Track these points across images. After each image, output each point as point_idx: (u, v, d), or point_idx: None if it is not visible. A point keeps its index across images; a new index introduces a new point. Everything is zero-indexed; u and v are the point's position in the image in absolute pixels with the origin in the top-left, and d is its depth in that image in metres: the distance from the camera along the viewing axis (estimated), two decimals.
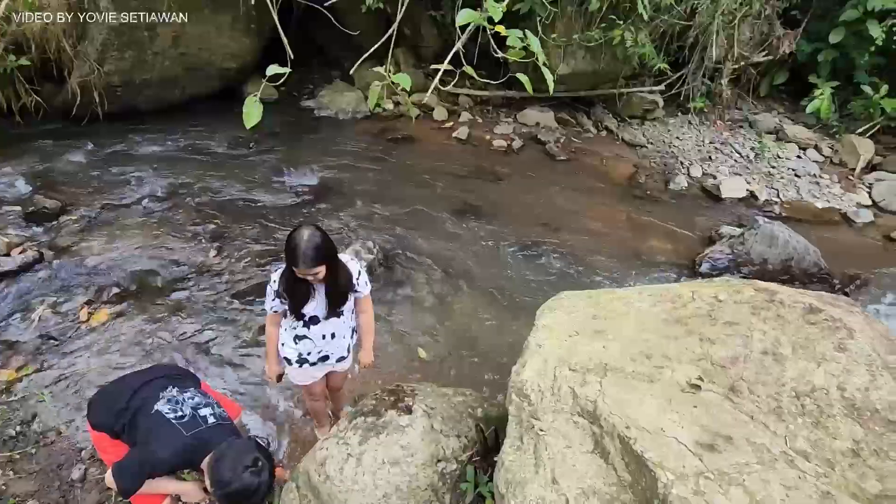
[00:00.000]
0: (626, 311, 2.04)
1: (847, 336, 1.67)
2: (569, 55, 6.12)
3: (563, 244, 4.67)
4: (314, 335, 2.33)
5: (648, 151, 6.36)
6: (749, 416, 1.52)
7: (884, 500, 1.29)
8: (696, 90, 6.49)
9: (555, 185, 5.65)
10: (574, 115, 6.85)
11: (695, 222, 5.23)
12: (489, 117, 6.81)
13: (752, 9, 6.11)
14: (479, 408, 2.53)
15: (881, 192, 5.65)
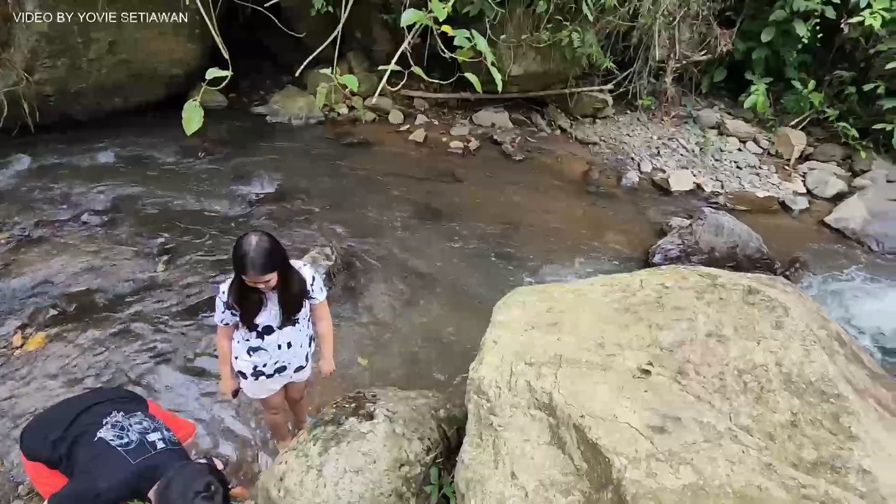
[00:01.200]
0: (579, 302, 2.08)
1: (783, 314, 1.76)
2: (520, 56, 6.23)
3: (522, 242, 4.74)
4: (269, 346, 2.26)
5: (601, 149, 6.54)
6: (696, 397, 1.57)
7: (820, 466, 1.36)
8: (642, 88, 6.73)
9: (512, 184, 5.72)
10: (528, 115, 6.97)
11: (647, 215, 5.41)
12: (445, 119, 6.84)
13: (691, 10, 6.41)
14: (442, 409, 2.51)
15: (814, 181, 6.02)
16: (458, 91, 6.73)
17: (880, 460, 1.38)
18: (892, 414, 1.63)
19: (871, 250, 4.97)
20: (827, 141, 6.55)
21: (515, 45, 5.98)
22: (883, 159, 6.14)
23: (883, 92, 5.98)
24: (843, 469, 1.32)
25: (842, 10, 6.08)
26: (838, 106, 6.43)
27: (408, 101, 6.98)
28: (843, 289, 4.43)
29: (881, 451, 1.41)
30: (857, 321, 4.08)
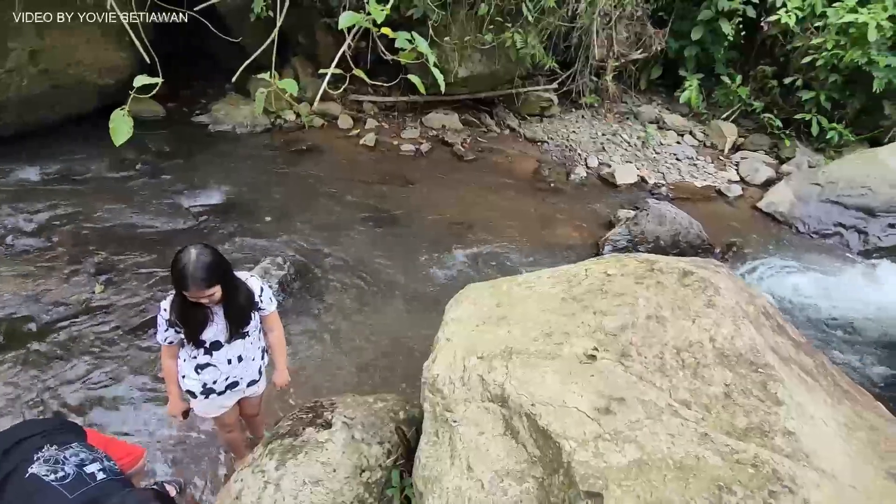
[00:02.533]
0: (527, 295, 2.13)
1: (714, 293, 1.87)
2: (466, 58, 6.31)
3: (476, 240, 4.79)
4: (218, 361, 2.18)
5: (549, 146, 6.71)
6: (638, 377, 1.64)
7: (751, 431, 1.45)
8: (585, 87, 6.96)
9: (465, 184, 5.78)
10: (478, 115, 7.06)
11: (595, 209, 5.60)
12: (395, 123, 6.83)
13: (626, 11, 6.70)
14: (402, 410, 2.50)
15: (746, 169, 6.42)
16: (407, 94, 6.73)
17: (803, 421, 1.49)
18: (814, 378, 1.76)
19: (798, 231, 5.34)
20: (755, 131, 7.00)
21: (460, 47, 6.05)
22: (804, 147, 6.62)
23: (801, 85, 6.45)
24: (771, 432, 1.42)
25: (761, 9, 6.52)
26: (763, 99, 6.88)
27: (357, 106, 6.92)
28: (775, 267, 4.74)
29: (804, 413, 1.53)
30: (785, 295, 4.38)
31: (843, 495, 1.30)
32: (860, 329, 4.04)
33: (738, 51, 7.11)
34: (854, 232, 5.21)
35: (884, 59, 5.68)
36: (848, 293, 4.38)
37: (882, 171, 5.29)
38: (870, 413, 1.77)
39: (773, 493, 1.25)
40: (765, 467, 1.31)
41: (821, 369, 1.85)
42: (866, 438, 1.62)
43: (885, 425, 1.76)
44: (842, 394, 1.78)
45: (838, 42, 5.91)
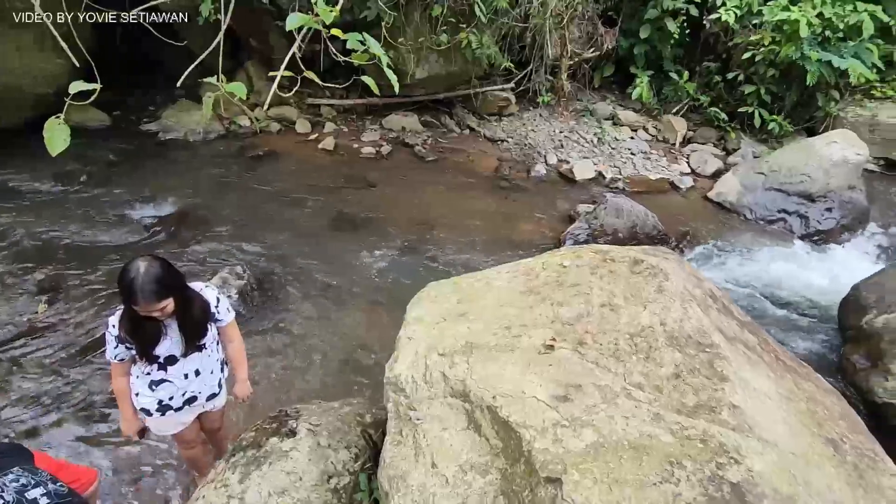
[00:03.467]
0: (486, 290, 2.15)
1: (664, 279, 1.94)
2: (423, 59, 6.32)
3: (440, 240, 4.81)
4: (174, 377, 2.10)
5: (509, 145, 6.81)
6: (594, 364, 1.69)
7: (699, 408, 1.51)
8: (541, 86, 7.10)
9: (427, 185, 5.79)
10: (437, 116, 7.09)
11: (556, 204, 5.71)
12: (355, 126, 6.77)
13: (577, 11, 6.87)
14: (369, 414, 2.48)
15: (696, 161, 6.69)
16: (365, 97, 6.69)
17: (747, 395, 1.57)
18: (757, 354, 1.86)
19: (746, 218, 5.61)
20: (703, 125, 7.31)
21: (416, 49, 6.06)
22: (749, 138, 6.97)
23: (742, 79, 6.79)
24: (718, 408, 1.49)
25: (703, 8, 6.82)
26: (709, 93, 7.20)
27: (314, 110, 6.82)
28: (725, 253, 4.97)
29: (748, 388, 1.61)
30: (735, 278, 4.59)
31: (784, 461, 1.38)
32: (801, 306, 4.29)
33: (684, 48, 7.41)
34: (796, 217, 5.52)
35: (815, 54, 6.04)
36: (791, 274, 4.64)
37: (818, 160, 5.62)
38: (809, 384, 1.88)
39: (720, 464, 1.31)
40: (712, 441, 1.37)
41: (764, 346, 1.96)
42: (806, 408, 1.72)
43: (822, 395, 1.87)
44: (783, 368, 1.89)
45: (774, 38, 6.25)
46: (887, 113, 6.40)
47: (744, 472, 1.29)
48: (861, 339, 3.61)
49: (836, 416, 1.76)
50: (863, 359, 3.52)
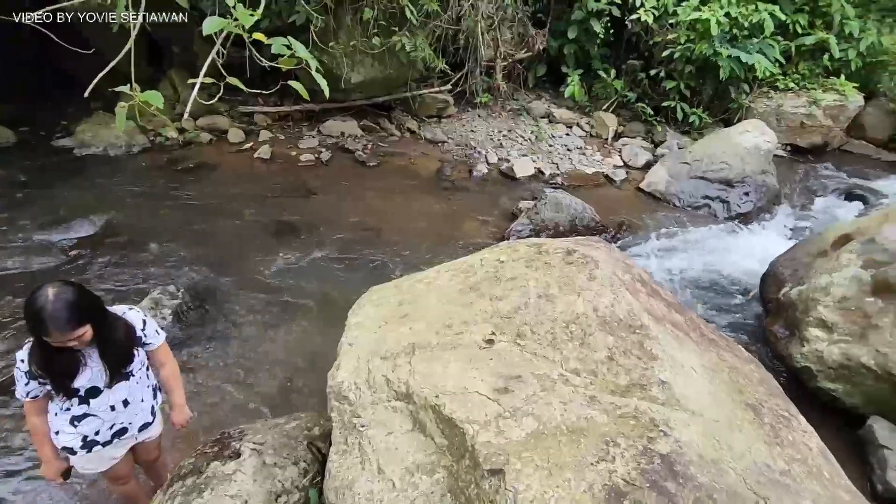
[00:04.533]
0: (428, 291, 2.16)
1: (595, 267, 2.02)
2: (358, 64, 6.26)
3: (385, 245, 4.77)
4: (99, 410, 1.95)
5: (450, 146, 6.87)
6: (533, 354, 1.73)
7: (632, 387, 1.59)
8: (478, 87, 7.22)
9: (369, 190, 5.73)
10: (376, 120, 7.04)
11: (499, 202, 5.82)
12: (292, 133, 6.59)
13: (507, 13, 7.05)
14: (316, 426, 2.42)
15: (627, 154, 7.04)
16: (301, 103, 6.53)
17: (675, 371, 1.67)
18: (684, 332, 1.98)
19: (675, 206, 5.96)
20: (632, 120, 7.70)
21: (350, 53, 5.99)
22: (673, 130, 7.41)
23: (664, 76, 7.20)
24: (648, 385, 1.57)
25: (625, 9, 7.19)
26: (635, 90, 7.59)
27: (247, 118, 6.58)
28: (658, 239, 5.25)
29: (675, 364, 1.71)
30: (667, 262, 4.86)
31: (709, 429, 1.47)
32: (728, 284, 4.61)
33: (610, 47, 7.77)
34: (719, 202, 5.92)
35: (725, 50, 6.52)
36: (717, 254, 4.97)
37: (734, 148, 6.06)
38: (731, 355, 2.02)
39: (650, 438, 1.38)
40: (643, 417, 1.44)
41: (690, 323, 2.08)
42: (728, 378, 1.85)
43: (743, 364, 2.02)
44: (707, 342, 2.02)
45: (689, 37, 6.69)
46: (790, 103, 7.00)
47: (672, 444, 1.36)
48: (780, 311, 3.91)
49: (755, 382, 1.90)
50: (782, 328, 3.82)
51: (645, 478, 1.26)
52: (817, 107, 6.92)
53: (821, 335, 3.42)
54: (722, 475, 1.34)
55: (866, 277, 3.44)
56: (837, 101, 6.91)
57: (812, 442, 1.71)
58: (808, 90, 7.02)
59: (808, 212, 6.04)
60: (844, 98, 6.90)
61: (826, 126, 7.02)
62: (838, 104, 6.91)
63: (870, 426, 3.09)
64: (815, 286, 3.63)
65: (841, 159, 7.20)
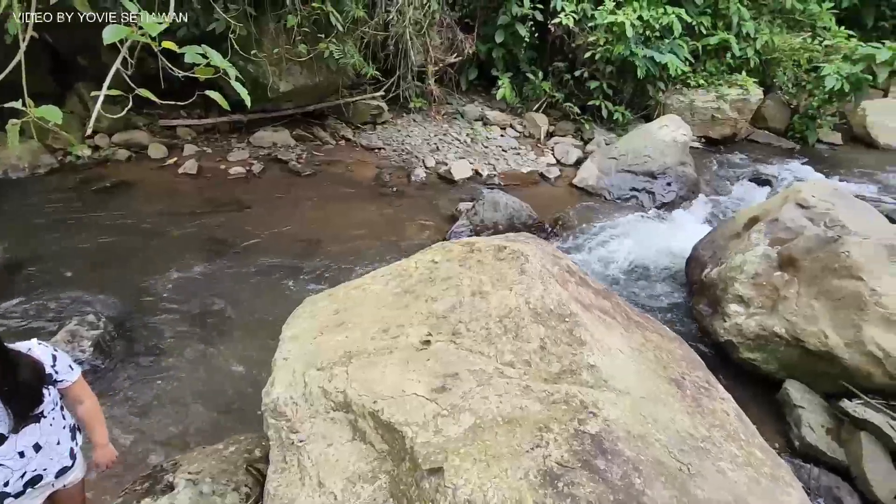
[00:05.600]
0: (364, 297, 2.14)
1: (525, 261, 2.09)
2: (286, 72, 6.11)
3: (325, 255, 4.67)
4: (5, 458, 1.76)
5: (387, 152, 6.84)
6: (469, 350, 1.76)
7: (563, 374, 1.65)
8: (411, 92, 7.25)
9: (306, 200, 5.60)
10: (310, 129, 6.89)
11: (439, 205, 5.87)
12: (219, 145, 6.32)
13: (435, 19, 7.13)
14: (258, 448, 2.32)
15: (560, 152, 7.31)
16: (227, 114, 6.27)
17: (602, 354, 1.75)
18: (611, 316, 2.08)
19: (606, 199, 6.26)
20: (562, 119, 8.01)
21: (277, 61, 5.83)
22: (600, 128, 7.78)
23: (587, 76, 7.56)
24: (578, 370, 1.64)
25: (547, 14, 7.48)
26: (563, 90, 7.91)
27: (169, 132, 6.24)
28: (591, 231, 5.50)
29: (603, 347, 1.79)
30: (601, 252, 5.10)
31: (635, 405, 1.56)
32: (654, 268, 4.90)
33: (536, 50, 8.06)
34: (645, 193, 6.28)
35: (640, 51, 6.94)
36: (645, 242, 5.27)
37: (654, 142, 6.46)
38: (655, 335, 2.14)
39: (581, 420, 1.44)
40: (574, 401, 1.50)
41: (617, 308, 2.19)
42: (653, 356, 1.96)
43: (667, 343, 2.15)
44: (634, 325, 2.13)
45: (607, 39, 7.06)
46: (701, 98, 7.57)
47: (601, 423, 1.43)
48: (703, 290, 4.20)
49: (678, 358, 2.03)
50: (706, 306, 4.10)
51: (577, 458, 1.31)
52: (724, 101, 7.52)
53: (739, 310, 3.69)
54: (648, 447, 1.42)
55: (773, 254, 3.77)
56: (741, 96, 7.54)
57: (729, 408, 1.84)
58: (715, 86, 7.62)
59: (724, 198, 6.54)
60: (747, 92, 7.54)
61: (733, 118, 7.64)
62: (742, 98, 7.54)
63: (785, 389, 3.37)
64: (732, 265, 3.92)
65: (748, 148, 7.86)
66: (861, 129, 8.17)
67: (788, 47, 7.75)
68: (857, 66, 6.99)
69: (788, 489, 1.56)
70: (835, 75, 7.00)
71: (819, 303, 3.31)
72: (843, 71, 7.00)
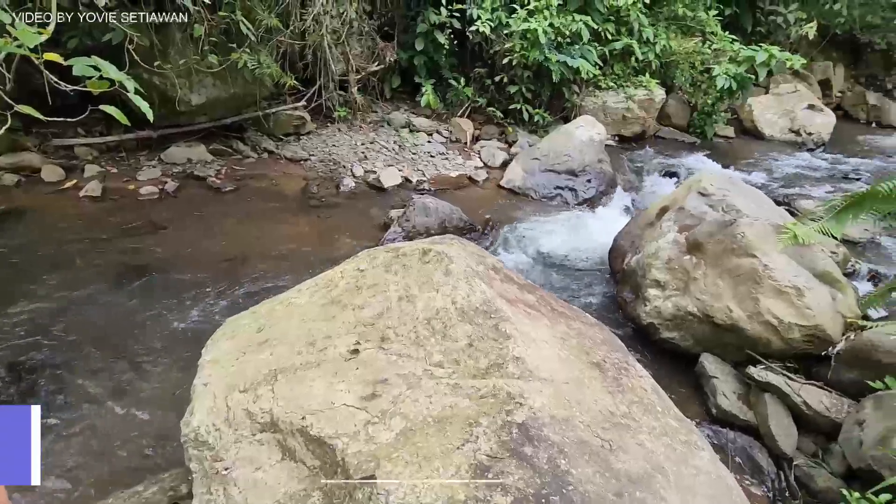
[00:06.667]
0: (289, 311, 2.07)
1: (449, 262, 2.12)
2: (197, 84, 5.81)
3: (252, 273, 4.47)
4: None
5: (313, 163, 6.69)
6: (398, 355, 1.75)
7: (491, 368, 1.69)
8: (334, 101, 7.14)
9: (229, 217, 5.33)
10: (228, 143, 6.58)
11: (370, 214, 5.81)
12: (127, 164, 5.87)
13: (353, 27, 7.09)
14: (183, 484, 2.17)
15: (486, 155, 7.50)
16: (134, 131, 5.84)
17: (528, 346, 1.81)
18: (536, 309, 2.16)
19: (532, 198, 6.51)
20: (486, 123, 8.23)
21: (186, 73, 5.53)
22: (523, 130, 8.08)
23: (507, 81, 7.83)
24: (504, 363, 1.68)
25: (465, 21, 7.67)
26: (485, 95, 8.14)
27: (65, 152, 5.71)
28: (520, 230, 5.69)
29: (528, 340, 1.85)
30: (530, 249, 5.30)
31: (559, 391, 1.63)
32: (583, 262, 5.16)
33: (456, 57, 8.23)
34: (568, 191, 6.59)
35: (554, 56, 7.31)
36: (569, 236, 5.54)
37: (573, 142, 6.81)
38: (578, 323, 2.25)
39: (509, 411, 1.48)
40: (501, 393, 1.54)
41: (541, 301, 2.28)
42: (576, 343, 2.06)
43: (589, 329, 2.26)
44: (557, 315, 2.23)
45: (522, 45, 7.36)
46: (611, 99, 8.09)
47: (527, 412, 1.48)
48: (625, 278, 4.47)
49: (599, 342, 2.14)
50: (629, 293, 4.36)
51: (505, 448, 1.35)
52: (633, 101, 8.09)
53: (657, 294, 3.97)
54: (572, 430, 1.49)
55: (682, 240, 4.09)
56: (647, 96, 8.15)
57: (647, 384, 1.97)
58: (623, 87, 8.17)
59: (638, 191, 7.01)
60: (651, 92, 8.16)
61: (642, 117, 8.23)
62: (648, 98, 8.15)
63: (701, 362, 3.66)
64: (648, 253, 4.21)
65: (656, 144, 8.50)
66: (749, 123, 9.10)
67: (684, 51, 8.48)
68: (741, 66, 7.79)
69: (700, 452, 1.69)
70: (724, 76, 7.76)
71: (723, 281, 3.63)
72: (730, 72, 7.77)
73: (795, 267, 3.51)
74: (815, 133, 8.80)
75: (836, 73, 11.40)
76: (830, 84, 11.17)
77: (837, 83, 11.37)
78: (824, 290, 3.47)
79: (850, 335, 3.30)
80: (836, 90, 11.27)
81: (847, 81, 11.77)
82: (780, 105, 9.19)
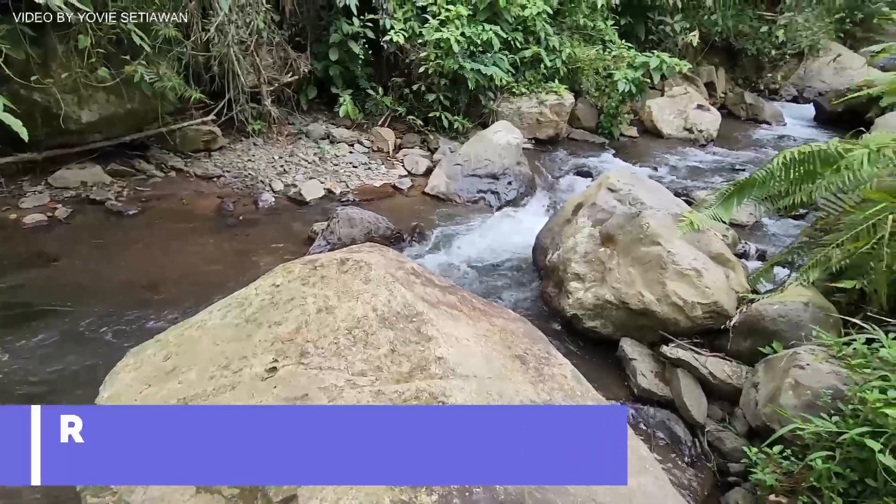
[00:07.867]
0: (200, 335, 1.94)
1: (368, 270, 2.10)
2: (88, 99, 5.32)
3: (164, 302, 4.15)
4: None
5: (228, 179, 6.36)
6: (318, 368, 1.71)
7: (414, 371, 1.70)
8: (247, 114, 6.84)
9: (134, 242, 4.92)
10: (129, 162, 6.08)
11: (292, 228, 5.62)
12: (5, 191, 5.23)
13: (263, 38, 6.84)
14: None
15: (409, 163, 7.54)
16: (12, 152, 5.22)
17: (450, 346, 1.84)
18: (458, 310, 2.20)
19: (457, 203, 6.63)
20: (407, 132, 8.27)
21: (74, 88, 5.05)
22: (444, 137, 8.21)
23: (425, 89, 7.94)
24: (427, 364, 1.70)
25: (378, 31, 7.68)
26: (404, 104, 8.18)
27: None
28: (447, 234, 5.77)
29: (450, 339, 1.88)
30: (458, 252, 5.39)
31: (482, 386, 1.67)
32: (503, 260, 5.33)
33: (373, 67, 8.21)
34: (490, 193, 6.79)
35: (468, 64, 7.52)
36: (494, 237, 5.71)
37: (492, 146, 7.04)
38: (500, 320, 2.32)
39: None
40: (423, 394, 1.55)
41: (463, 301, 2.32)
42: (499, 338, 2.12)
43: (511, 324, 2.34)
44: (479, 313, 2.28)
45: (437, 54, 7.50)
46: (525, 105, 8.45)
47: None
48: (549, 274, 4.67)
49: (520, 336, 2.22)
50: (553, 288, 4.56)
51: None
52: (544, 106, 8.50)
53: (578, 286, 4.18)
54: None
55: (596, 233, 4.35)
56: (557, 100, 8.60)
57: (567, 371, 2.07)
58: (535, 93, 8.57)
59: (556, 190, 7.37)
60: (561, 97, 8.63)
61: (554, 120, 8.66)
62: (558, 102, 8.60)
63: (621, 346, 3.90)
64: (567, 248, 4.43)
65: (569, 146, 8.99)
66: (650, 122, 9.90)
67: (587, 58, 9.06)
68: (638, 71, 8.47)
69: None
70: (623, 80, 8.39)
71: (634, 269, 3.90)
72: (629, 76, 8.42)
73: (694, 251, 3.86)
74: (704, 130, 9.75)
75: (719, 76, 12.74)
76: (715, 86, 12.46)
77: (720, 85, 12.71)
78: (719, 270, 3.84)
79: (742, 308, 3.67)
80: (720, 91, 12.59)
81: (728, 83, 13.19)
82: (675, 106, 10.09)
